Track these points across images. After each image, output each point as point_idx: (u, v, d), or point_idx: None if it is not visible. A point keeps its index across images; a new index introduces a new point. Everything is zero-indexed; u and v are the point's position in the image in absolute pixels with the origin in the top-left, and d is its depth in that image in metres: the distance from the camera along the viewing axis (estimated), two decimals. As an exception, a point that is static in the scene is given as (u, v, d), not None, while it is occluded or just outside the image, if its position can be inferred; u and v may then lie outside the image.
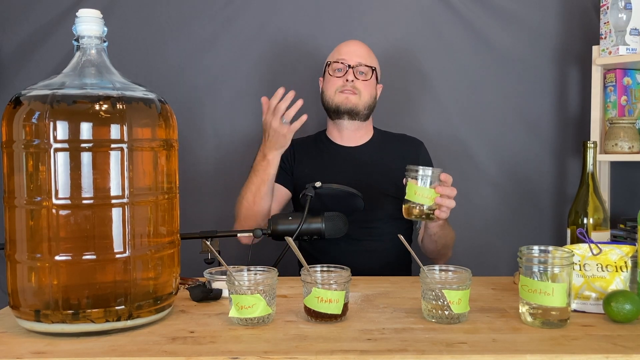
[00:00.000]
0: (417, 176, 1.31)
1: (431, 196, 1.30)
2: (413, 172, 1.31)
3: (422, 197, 1.30)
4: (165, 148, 1.05)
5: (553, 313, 1.01)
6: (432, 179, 1.31)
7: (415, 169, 1.31)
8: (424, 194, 1.30)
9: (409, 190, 1.31)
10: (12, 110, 0.98)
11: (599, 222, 1.25)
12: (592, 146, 1.26)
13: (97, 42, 1.04)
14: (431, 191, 1.30)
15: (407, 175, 1.32)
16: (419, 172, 1.31)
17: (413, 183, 1.31)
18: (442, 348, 0.91)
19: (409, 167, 1.32)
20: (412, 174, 1.31)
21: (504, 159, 2.07)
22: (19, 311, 0.99)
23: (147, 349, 0.92)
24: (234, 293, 1.04)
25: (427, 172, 1.31)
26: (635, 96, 1.92)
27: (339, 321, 1.06)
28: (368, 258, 1.64)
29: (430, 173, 1.30)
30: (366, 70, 1.69)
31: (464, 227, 1.93)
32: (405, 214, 1.33)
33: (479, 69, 2.05)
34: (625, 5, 1.80)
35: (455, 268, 1.11)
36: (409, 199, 1.31)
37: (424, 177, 1.30)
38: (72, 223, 0.96)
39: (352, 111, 1.68)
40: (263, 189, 1.58)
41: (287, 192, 1.74)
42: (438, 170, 1.32)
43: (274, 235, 1.41)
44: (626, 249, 1.10)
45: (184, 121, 1.43)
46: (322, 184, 1.48)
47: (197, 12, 2.04)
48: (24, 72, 2.02)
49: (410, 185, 1.31)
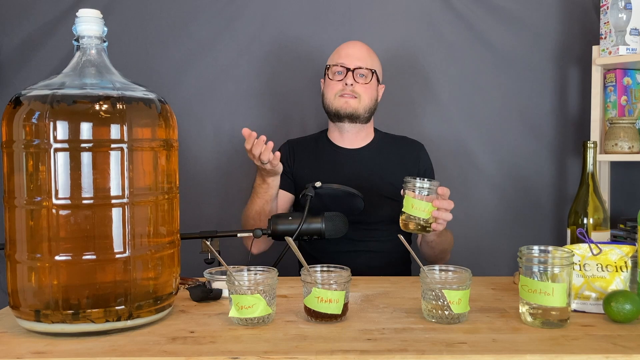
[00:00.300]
0: (414, 188, 1.31)
1: (428, 209, 1.30)
2: (410, 184, 1.32)
3: (419, 210, 1.30)
4: (165, 148, 1.05)
5: (553, 313, 1.01)
6: (430, 192, 1.31)
7: (413, 181, 1.31)
8: (420, 207, 1.30)
9: (406, 203, 1.31)
10: (12, 110, 0.98)
11: (599, 222, 1.25)
12: (592, 146, 1.26)
13: (97, 42, 1.04)
14: (428, 204, 1.30)
15: (405, 187, 1.32)
16: (417, 184, 1.31)
17: (410, 195, 1.31)
18: (442, 348, 0.91)
19: (407, 178, 1.33)
20: (410, 185, 1.32)
21: (504, 159, 2.07)
22: (19, 311, 0.99)
23: (147, 349, 0.92)
24: (234, 293, 1.04)
25: (425, 185, 1.31)
26: (635, 96, 1.92)
27: (339, 321, 1.06)
28: (368, 258, 1.64)
29: (427, 185, 1.31)
30: (366, 73, 1.68)
31: (464, 227, 1.93)
32: (403, 227, 1.34)
33: (479, 69, 2.05)
34: (625, 5, 1.80)
35: (455, 268, 1.11)
36: (405, 211, 1.32)
37: (421, 189, 1.31)
38: (72, 223, 0.96)
39: (352, 115, 1.68)
40: (267, 208, 1.59)
41: (291, 196, 1.73)
42: (436, 182, 1.32)
43: (274, 235, 1.41)
44: (626, 249, 1.10)
45: (184, 121, 1.43)
46: (322, 184, 1.47)
47: (197, 12, 2.04)
48: (24, 72, 2.02)
49: (407, 198, 1.31)
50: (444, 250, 1.63)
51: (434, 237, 1.54)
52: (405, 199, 1.32)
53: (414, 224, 1.32)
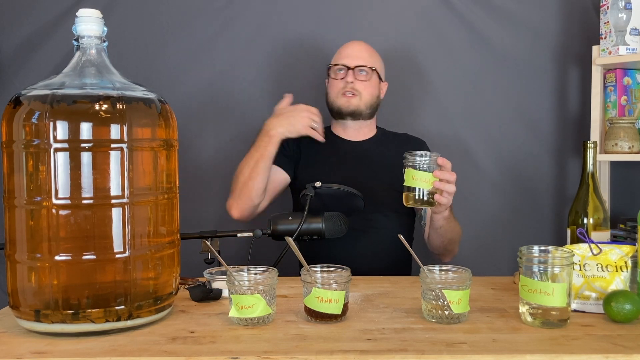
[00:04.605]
0: (414, 162, 1.30)
1: (429, 180, 1.29)
2: (410, 159, 1.31)
3: (419, 181, 1.29)
4: (165, 148, 1.05)
5: (553, 313, 1.01)
6: (430, 164, 1.30)
7: (412, 155, 1.31)
8: (421, 178, 1.29)
9: (407, 176, 1.30)
10: (12, 110, 0.98)
11: (599, 222, 1.25)
12: (592, 146, 1.26)
13: (97, 42, 1.04)
14: (429, 175, 1.29)
15: (405, 164, 1.32)
16: (416, 158, 1.30)
17: (411, 169, 1.30)
18: (442, 348, 0.91)
19: (406, 154, 1.32)
20: (410, 161, 1.31)
21: (504, 159, 2.07)
22: (19, 311, 0.99)
23: (147, 349, 0.92)
24: (234, 293, 1.04)
25: (424, 157, 1.30)
26: (635, 96, 1.92)
27: (339, 321, 1.06)
28: (368, 258, 1.63)
29: (427, 158, 1.30)
30: (366, 70, 1.71)
31: (464, 227, 1.92)
32: (405, 201, 1.33)
33: (479, 69, 2.05)
34: (625, 5, 1.80)
35: (455, 268, 1.11)
36: (407, 184, 1.31)
37: (421, 162, 1.30)
38: (72, 223, 0.96)
39: (353, 113, 1.72)
40: (261, 164, 1.60)
41: (285, 176, 1.73)
42: (435, 154, 1.31)
43: (274, 235, 1.41)
44: (626, 249, 1.10)
45: (184, 121, 1.43)
46: (322, 184, 1.48)
47: (197, 12, 2.04)
48: (24, 72, 2.02)
49: (408, 171, 1.30)
50: (452, 240, 1.63)
51: (443, 223, 1.53)
52: (406, 172, 1.30)
53: (416, 195, 1.31)
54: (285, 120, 1.63)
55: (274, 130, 1.61)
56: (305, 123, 1.64)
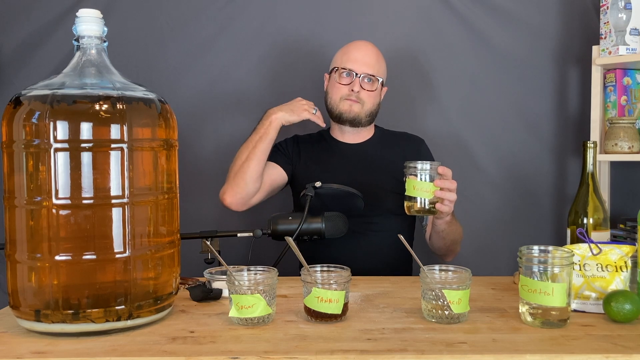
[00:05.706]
0: (415, 172, 1.31)
1: (430, 189, 1.30)
2: (411, 169, 1.32)
3: (421, 191, 1.30)
4: (165, 148, 1.05)
5: (553, 313, 1.01)
6: (431, 173, 1.31)
7: (413, 165, 1.32)
8: (422, 188, 1.30)
9: (408, 186, 1.31)
10: (12, 110, 0.98)
11: (599, 222, 1.25)
12: (592, 146, 1.26)
13: (97, 42, 1.05)
14: (430, 185, 1.30)
15: (406, 173, 1.33)
16: (417, 168, 1.31)
17: (412, 179, 1.31)
18: (442, 348, 0.91)
19: (407, 163, 1.33)
20: (411, 170, 1.32)
21: (504, 159, 2.07)
22: (19, 311, 0.99)
23: (147, 349, 0.92)
24: (234, 293, 1.04)
25: (425, 167, 1.31)
26: (635, 96, 1.92)
27: (339, 321, 1.06)
28: (368, 258, 1.63)
29: (427, 167, 1.31)
30: (373, 79, 1.69)
31: (464, 227, 1.93)
32: (407, 210, 1.33)
33: (479, 69, 2.05)
34: (625, 5, 1.80)
35: (455, 268, 1.11)
36: (408, 194, 1.32)
37: (422, 171, 1.31)
38: (72, 223, 0.96)
39: (354, 120, 1.70)
40: (260, 146, 1.61)
41: (282, 173, 1.72)
42: (436, 163, 1.32)
43: (274, 235, 1.41)
44: (626, 249, 1.10)
45: (184, 121, 1.43)
46: (322, 184, 1.48)
47: (197, 12, 2.04)
48: (24, 72, 2.02)
49: (409, 181, 1.31)
50: (454, 241, 1.63)
51: (445, 227, 1.53)
52: (407, 182, 1.31)
53: (418, 205, 1.32)
54: (285, 106, 1.67)
55: (275, 115, 1.63)
56: (305, 109, 1.67)
